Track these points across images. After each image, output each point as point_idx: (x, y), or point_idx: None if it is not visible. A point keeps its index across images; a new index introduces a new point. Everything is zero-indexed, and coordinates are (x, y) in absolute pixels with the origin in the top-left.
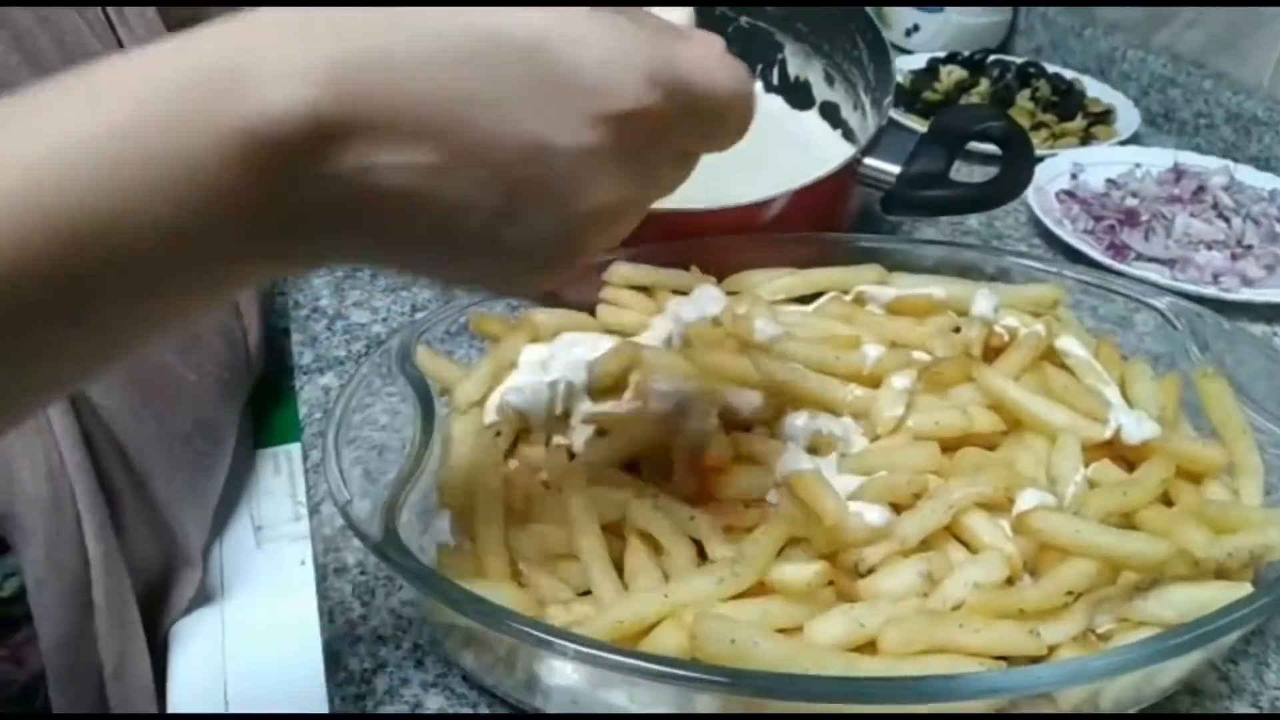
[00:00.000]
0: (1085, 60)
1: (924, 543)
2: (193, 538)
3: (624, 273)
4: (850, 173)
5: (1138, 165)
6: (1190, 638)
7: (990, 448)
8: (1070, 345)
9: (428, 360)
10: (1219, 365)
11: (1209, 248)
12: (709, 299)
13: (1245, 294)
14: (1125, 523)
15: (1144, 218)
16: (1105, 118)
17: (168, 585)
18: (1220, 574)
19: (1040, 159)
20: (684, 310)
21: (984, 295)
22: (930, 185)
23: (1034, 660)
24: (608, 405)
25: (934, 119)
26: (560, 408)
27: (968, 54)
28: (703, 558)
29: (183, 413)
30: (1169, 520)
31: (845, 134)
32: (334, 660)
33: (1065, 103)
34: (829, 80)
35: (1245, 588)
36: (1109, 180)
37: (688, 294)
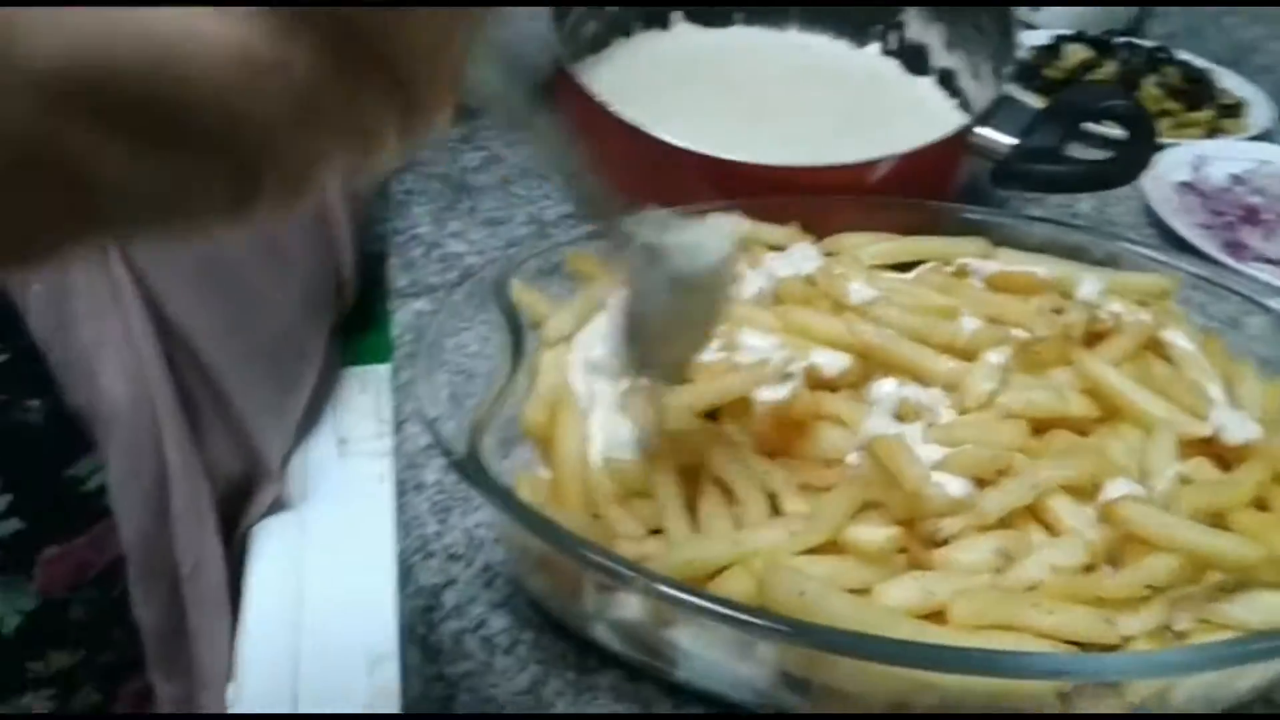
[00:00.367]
0: (1221, 50)
1: (1004, 521)
2: (274, 450)
3: (719, 224)
4: (962, 141)
5: (1265, 162)
6: (1271, 645)
7: (1083, 434)
8: (1177, 338)
9: (522, 292)
10: None
11: None
12: (804, 256)
13: None
14: (1216, 523)
15: (1265, 216)
16: (1236, 110)
17: (247, 493)
18: None
19: (1161, 147)
20: (778, 266)
21: (1090, 278)
22: (1044, 160)
23: (1106, 649)
24: None
25: (1057, 94)
26: None
27: (1095, 34)
28: (777, 513)
29: (267, 330)
30: (1262, 524)
31: (962, 103)
32: (406, 573)
33: (1194, 92)
34: (949, 47)
35: None
36: (1233, 175)
37: (784, 250)
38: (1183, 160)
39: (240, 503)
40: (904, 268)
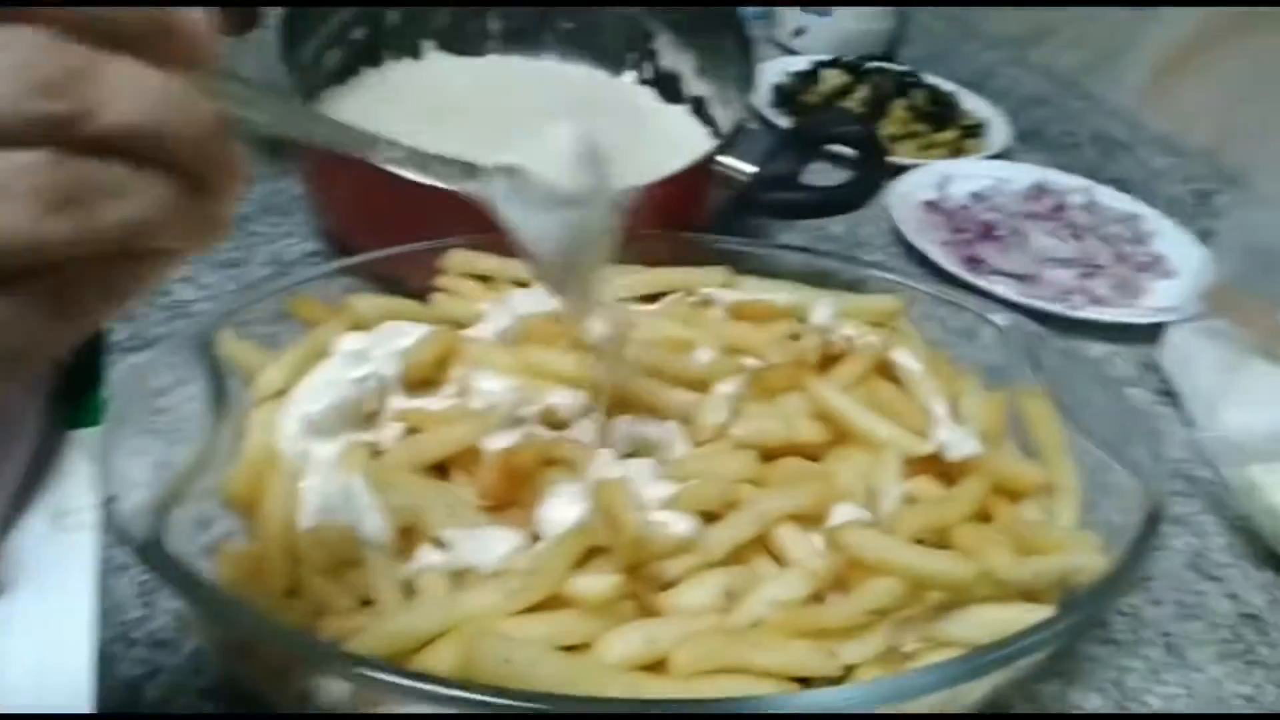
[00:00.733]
0: (965, 73)
1: (736, 556)
2: None
3: (462, 260)
4: (706, 170)
5: (1003, 180)
6: (984, 661)
7: (815, 459)
8: (905, 358)
9: (230, 343)
10: (1051, 385)
11: (1061, 265)
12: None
13: (1091, 312)
14: (941, 540)
15: (1001, 232)
16: (977, 131)
17: None
18: (1029, 595)
19: (906, 168)
20: (521, 302)
21: (823, 303)
22: (781, 188)
23: (832, 681)
24: (421, 401)
25: (794, 122)
26: (372, 404)
27: (850, 59)
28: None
29: None
30: (981, 539)
31: (714, 132)
32: (107, 664)
33: (940, 114)
34: (700, 74)
35: (1048, 610)
36: (973, 193)
37: (529, 286)
38: (927, 180)
39: None
40: (653, 299)
